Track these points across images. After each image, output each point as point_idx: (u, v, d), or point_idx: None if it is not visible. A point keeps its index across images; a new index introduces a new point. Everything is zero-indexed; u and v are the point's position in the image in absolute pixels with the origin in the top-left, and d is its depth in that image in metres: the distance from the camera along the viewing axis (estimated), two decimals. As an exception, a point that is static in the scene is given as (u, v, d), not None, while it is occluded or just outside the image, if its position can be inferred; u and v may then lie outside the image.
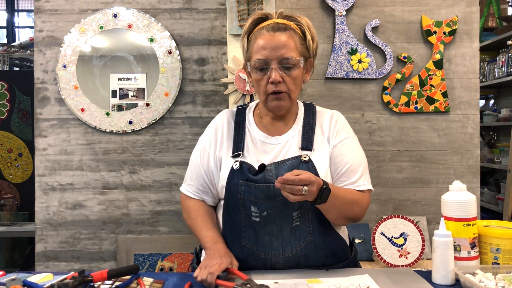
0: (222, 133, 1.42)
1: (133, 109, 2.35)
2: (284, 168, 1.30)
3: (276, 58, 1.29)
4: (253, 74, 1.34)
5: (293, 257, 1.30)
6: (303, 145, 1.35)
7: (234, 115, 1.44)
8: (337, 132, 1.40)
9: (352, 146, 1.41)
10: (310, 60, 1.38)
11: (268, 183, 1.28)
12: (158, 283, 1.19)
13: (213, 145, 1.41)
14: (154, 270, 2.30)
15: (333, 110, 1.48)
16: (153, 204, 2.36)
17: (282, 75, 1.29)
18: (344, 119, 1.46)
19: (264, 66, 1.30)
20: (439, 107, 2.30)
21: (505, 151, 3.99)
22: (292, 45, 1.30)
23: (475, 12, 2.31)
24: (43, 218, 2.36)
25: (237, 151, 1.35)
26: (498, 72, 4.17)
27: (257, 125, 1.41)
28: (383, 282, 1.19)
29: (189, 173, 1.45)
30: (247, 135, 1.39)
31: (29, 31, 8.35)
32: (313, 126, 1.40)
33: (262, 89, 1.32)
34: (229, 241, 1.33)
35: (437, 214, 2.29)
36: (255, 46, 1.31)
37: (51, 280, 1.18)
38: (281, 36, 1.29)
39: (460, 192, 1.28)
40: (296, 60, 1.30)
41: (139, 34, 2.34)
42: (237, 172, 1.31)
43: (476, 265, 1.24)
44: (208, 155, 1.40)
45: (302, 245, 1.30)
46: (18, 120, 3.33)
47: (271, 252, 1.29)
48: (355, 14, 2.32)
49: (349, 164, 1.36)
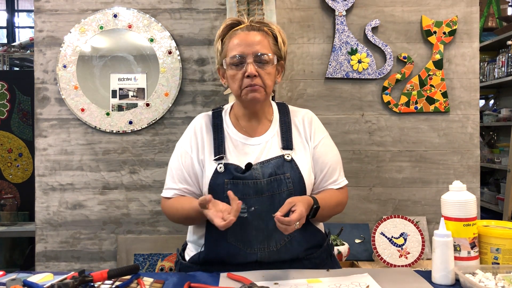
0: (202, 137, 1.43)
1: (133, 109, 2.35)
2: (270, 167, 1.35)
3: (251, 53, 1.34)
4: (228, 71, 1.38)
5: (277, 251, 1.33)
6: (283, 144, 1.40)
7: (211, 119, 1.46)
8: (314, 132, 1.45)
9: (330, 145, 1.47)
10: (282, 62, 1.44)
11: (256, 179, 1.33)
12: (158, 283, 1.19)
13: (195, 148, 1.42)
14: (154, 270, 2.30)
15: (305, 109, 1.53)
16: (153, 204, 2.37)
17: (257, 70, 1.34)
18: (317, 119, 1.51)
19: (240, 62, 1.35)
20: (439, 107, 2.30)
21: (505, 151, 3.99)
22: (266, 43, 1.37)
23: (475, 12, 2.31)
24: (43, 218, 2.36)
25: (219, 154, 1.37)
26: (498, 72, 4.17)
27: (235, 127, 1.44)
28: (383, 282, 1.19)
29: (169, 178, 1.44)
30: (227, 138, 1.42)
31: (29, 31, 8.35)
32: (289, 126, 1.44)
33: (238, 83, 1.36)
34: (213, 241, 1.35)
35: (437, 214, 2.29)
36: (230, 45, 1.36)
37: (51, 280, 1.18)
38: (256, 35, 1.36)
39: (460, 192, 1.28)
40: (270, 57, 1.36)
41: (139, 34, 2.34)
42: (221, 174, 1.34)
43: (476, 265, 1.24)
44: (191, 159, 1.41)
45: (286, 240, 1.34)
46: (18, 120, 3.33)
47: (256, 246, 1.32)
48: (355, 14, 2.32)
49: (329, 163, 1.43)
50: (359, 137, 2.33)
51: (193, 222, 1.43)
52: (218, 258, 1.35)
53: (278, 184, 1.33)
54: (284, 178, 1.34)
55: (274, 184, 1.33)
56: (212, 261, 1.35)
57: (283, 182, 1.34)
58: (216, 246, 1.34)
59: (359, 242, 2.22)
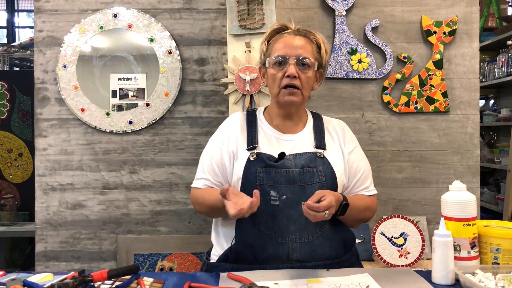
0: (235, 131, 1.48)
1: (133, 109, 2.35)
2: (302, 159, 1.39)
3: (294, 55, 1.40)
4: (270, 70, 1.43)
5: (309, 244, 1.35)
6: (316, 143, 1.45)
7: (245, 116, 1.52)
8: (348, 140, 1.51)
9: (361, 154, 1.54)
10: (321, 71, 1.49)
11: (288, 168, 1.36)
12: (158, 283, 1.20)
13: (226, 141, 1.46)
14: (154, 270, 2.30)
15: (337, 119, 1.59)
16: (153, 204, 2.37)
17: (298, 72, 1.39)
18: (349, 128, 1.58)
19: (282, 62, 1.40)
20: (439, 107, 2.30)
21: (505, 151, 3.99)
22: (309, 49, 1.43)
23: (475, 12, 2.31)
24: (43, 218, 2.36)
25: (252, 144, 1.42)
26: (498, 72, 4.17)
27: (269, 124, 1.49)
28: (383, 282, 1.19)
29: (200, 170, 1.49)
30: (260, 132, 1.46)
31: (29, 31, 8.36)
32: (322, 129, 1.50)
33: (277, 82, 1.41)
34: (246, 230, 1.36)
35: (437, 214, 2.29)
36: (276, 46, 1.43)
37: (51, 280, 1.18)
38: (301, 40, 1.43)
39: (460, 192, 1.29)
40: (312, 62, 1.42)
41: (139, 34, 2.34)
42: (254, 162, 1.38)
43: (476, 265, 1.24)
44: (221, 150, 1.45)
45: (319, 232, 1.36)
46: (18, 120, 3.33)
47: (288, 236, 1.34)
48: (355, 14, 2.32)
49: (362, 170, 1.49)
50: (359, 137, 2.29)
51: (218, 213, 1.44)
52: (249, 249, 1.35)
53: (310, 175, 1.37)
54: (316, 171, 1.38)
55: (307, 175, 1.37)
56: (243, 252, 1.36)
57: (315, 174, 1.37)
58: (248, 235, 1.36)
59: (359, 242, 2.22)
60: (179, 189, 2.36)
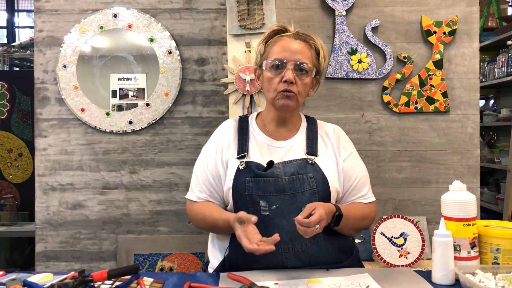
0: (227, 139, 1.45)
1: (133, 109, 2.35)
2: (292, 166, 1.36)
3: (293, 60, 1.37)
4: (266, 73, 1.40)
5: (304, 252, 1.32)
6: (308, 150, 1.41)
7: (237, 122, 1.49)
8: (344, 147, 1.47)
9: (358, 160, 1.49)
10: (318, 77, 1.46)
11: (277, 177, 1.33)
12: (158, 283, 1.19)
13: (219, 150, 1.44)
14: (154, 270, 2.30)
15: (333, 124, 1.55)
16: (153, 204, 2.37)
17: (295, 77, 1.36)
18: (344, 134, 1.53)
19: (280, 66, 1.37)
20: (439, 107, 2.30)
21: (505, 151, 3.99)
22: (308, 54, 1.40)
23: (475, 12, 2.31)
24: (43, 218, 2.36)
25: (242, 153, 1.39)
26: (498, 72, 4.17)
27: (261, 130, 1.46)
28: (383, 282, 1.19)
29: (194, 181, 1.46)
30: (252, 139, 1.44)
31: (29, 31, 8.36)
32: (315, 135, 1.46)
33: (274, 87, 1.39)
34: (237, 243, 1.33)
35: (437, 214, 2.29)
36: (274, 49, 1.40)
37: (51, 280, 1.18)
38: (300, 44, 1.40)
39: (460, 192, 1.29)
40: (310, 68, 1.39)
41: (139, 34, 2.34)
42: (243, 171, 1.35)
43: (476, 265, 1.24)
44: (215, 160, 1.43)
45: (313, 241, 1.32)
46: (18, 120, 3.33)
47: (280, 246, 1.30)
48: (355, 14, 2.32)
49: (359, 176, 1.45)
50: (359, 137, 2.32)
51: (217, 232, 1.43)
52: (242, 259, 1.32)
53: (300, 183, 1.34)
54: (306, 178, 1.35)
55: (296, 183, 1.34)
56: (238, 262, 1.33)
57: (305, 181, 1.34)
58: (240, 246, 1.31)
59: (359, 242, 2.22)
60: (179, 189, 2.36)
